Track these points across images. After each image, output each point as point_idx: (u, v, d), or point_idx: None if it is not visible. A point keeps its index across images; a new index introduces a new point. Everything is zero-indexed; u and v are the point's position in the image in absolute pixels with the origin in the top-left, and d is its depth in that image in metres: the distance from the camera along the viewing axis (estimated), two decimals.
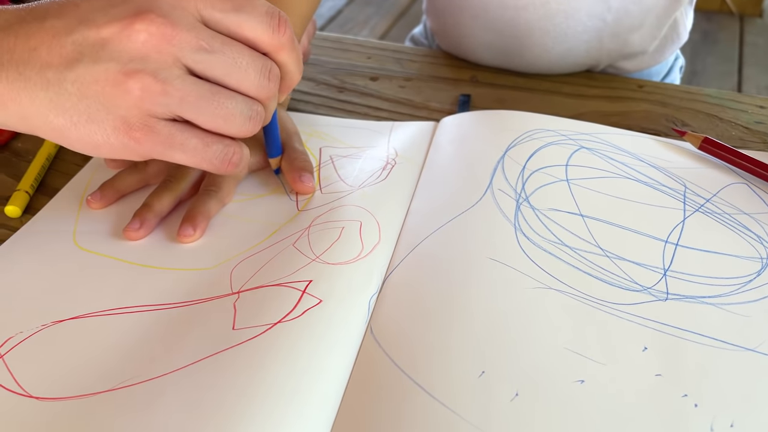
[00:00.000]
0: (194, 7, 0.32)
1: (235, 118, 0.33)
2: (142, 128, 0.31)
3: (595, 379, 0.30)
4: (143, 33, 0.30)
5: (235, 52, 0.32)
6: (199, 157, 0.33)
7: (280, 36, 0.34)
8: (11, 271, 0.39)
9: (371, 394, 0.30)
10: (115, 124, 0.31)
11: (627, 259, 0.37)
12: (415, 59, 0.63)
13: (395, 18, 2.22)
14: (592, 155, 0.45)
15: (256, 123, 0.34)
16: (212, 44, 0.32)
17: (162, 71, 0.31)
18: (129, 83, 0.30)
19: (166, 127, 0.32)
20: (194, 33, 0.31)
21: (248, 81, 0.33)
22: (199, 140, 0.33)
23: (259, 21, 0.33)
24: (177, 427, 0.28)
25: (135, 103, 0.31)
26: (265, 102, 0.35)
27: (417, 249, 0.38)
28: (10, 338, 0.34)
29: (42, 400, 0.31)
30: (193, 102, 0.32)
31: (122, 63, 0.30)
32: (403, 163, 0.46)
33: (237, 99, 0.33)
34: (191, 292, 0.36)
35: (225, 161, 0.34)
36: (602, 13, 0.53)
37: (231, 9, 0.32)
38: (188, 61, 0.31)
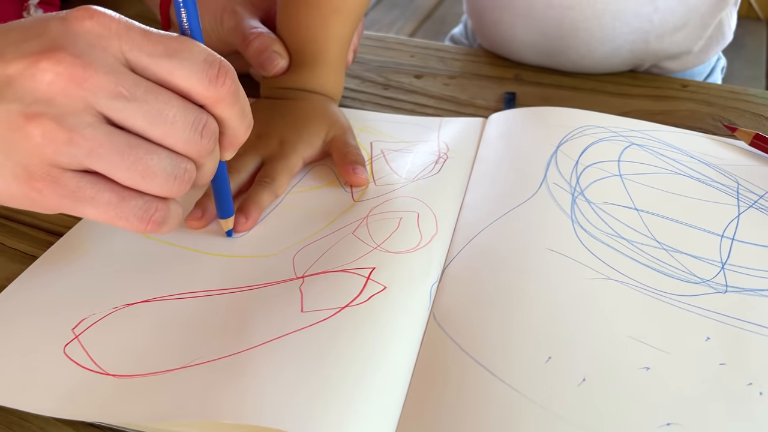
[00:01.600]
0: (117, 48, 0.28)
1: (155, 175, 0.29)
2: (44, 179, 0.28)
3: (661, 367, 0.31)
4: (49, 73, 0.27)
5: (162, 102, 0.29)
6: (113, 213, 0.29)
7: (218, 87, 0.30)
8: (80, 257, 0.40)
9: (438, 377, 0.31)
10: (15, 172, 0.28)
11: (684, 252, 0.38)
12: (457, 58, 0.64)
13: (420, 21, 2.23)
14: (643, 151, 0.45)
15: (183, 182, 0.30)
16: (133, 91, 0.28)
17: (69, 117, 0.27)
18: (29, 127, 0.27)
19: (73, 179, 0.28)
20: (112, 77, 0.28)
21: (175, 135, 0.29)
22: (114, 194, 0.29)
23: (193, 69, 0.29)
24: (250, 405, 0.29)
25: (35, 150, 0.27)
26: (197, 160, 0.31)
27: (474, 240, 0.39)
28: (84, 319, 0.36)
29: (119, 377, 0.32)
30: (104, 155, 0.28)
31: (25, 104, 0.27)
32: (455, 158, 0.47)
33: (160, 155, 0.29)
34: (256, 277, 0.37)
35: (145, 219, 0.30)
36: (649, 14, 0.54)
37: (162, 53, 0.29)
38: (103, 108, 0.28)
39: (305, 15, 0.48)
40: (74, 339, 0.34)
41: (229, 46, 0.51)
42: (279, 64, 0.48)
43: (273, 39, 0.49)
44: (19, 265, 0.40)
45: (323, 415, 0.28)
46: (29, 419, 0.32)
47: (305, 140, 0.46)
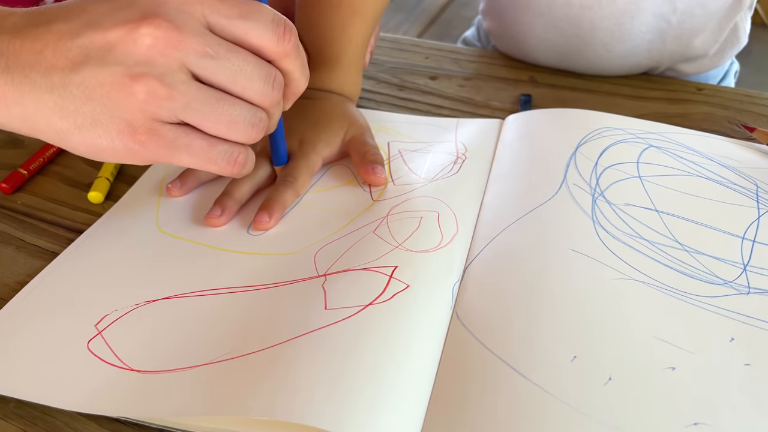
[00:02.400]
0: (200, 13, 0.31)
1: (238, 124, 0.33)
2: (147, 132, 0.31)
3: (686, 367, 0.31)
4: (149, 37, 0.30)
5: (240, 59, 0.32)
6: (204, 157, 0.33)
7: (285, 44, 0.33)
8: (101, 254, 0.40)
9: (463, 374, 0.31)
10: (119, 128, 0.31)
11: (705, 253, 0.38)
12: (472, 59, 0.64)
13: (426, 24, 2.23)
14: (661, 153, 0.45)
15: (259, 130, 0.34)
16: (217, 50, 0.31)
17: (167, 75, 0.30)
18: (134, 87, 0.30)
19: (171, 131, 0.32)
20: (200, 38, 0.31)
21: (252, 88, 0.33)
22: (204, 141, 0.33)
23: (264, 28, 0.32)
24: (277, 400, 0.29)
25: (140, 106, 0.31)
26: (269, 109, 0.35)
27: (495, 240, 0.39)
28: (106, 315, 0.36)
29: (143, 373, 0.32)
30: (197, 107, 0.32)
31: (128, 66, 0.30)
32: (473, 158, 0.47)
33: (241, 106, 0.33)
34: (278, 275, 0.37)
35: (231, 161, 0.34)
36: (668, 14, 0.54)
37: (237, 16, 0.32)
38: (193, 67, 0.31)
39: (325, 16, 0.48)
40: (97, 335, 0.34)
41: None
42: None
43: None
44: (40, 261, 0.40)
45: (351, 409, 0.28)
46: (53, 414, 0.32)
47: (324, 140, 0.46)
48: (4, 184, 0.46)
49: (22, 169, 0.47)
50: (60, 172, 0.48)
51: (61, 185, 0.47)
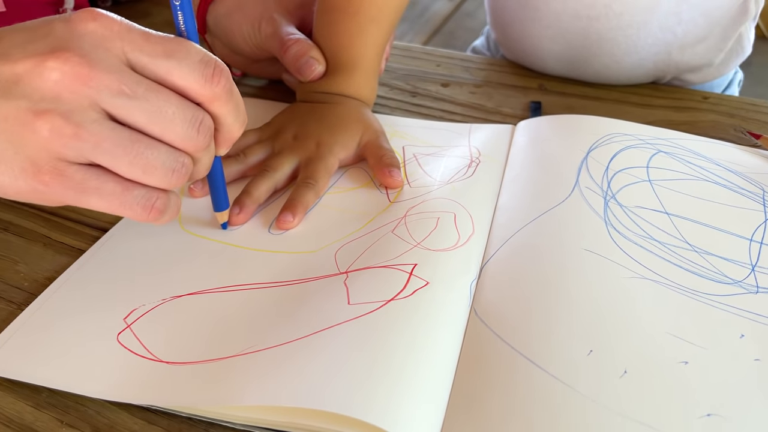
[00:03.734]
0: (120, 49, 0.30)
1: (155, 168, 0.31)
2: (51, 171, 0.29)
3: (698, 361, 0.32)
4: (56, 71, 0.28)
5: (161, 100, 0.30)
6: (117, 202, 0.31)
7: (213, 86, 0.31)
8: (127, 251, 0.41)
9: (483, 367, 0.32)
10: (22, 166, 0.29)
11: (715, 254, 0.39)
12: (482, 67, 0.66)
13: (430, 35, 2.25)
14: (670, 159, 0.47)
15: (180, 176, 0.32)
16: (135, 89, 0.30)
17: (75, 113, 0.29)
18: (37, 123, 0.28)
19: (79, 172, 0.30)
20: (115, 76, 0.29)
21: (174, 131, 0.31)
22: (118, 185, 0.31)
23: (190, 69, 0.31)
24: (303, 390, 0.30)
25: (43, 144, 0.29)
26: (194, 154, 0.33)
27: (511, 240, 0.40)
28: (134, 310, 0.37)
29: (172, 364, 0.33)
30: (108, 149, 0.30)
31: (33, 101, 0.29)
32: (487, 162, 0.48)
33: (160, 149, 0.31)
34: (300, 272, 0.39)
35: (147, 207, 0.32)
36: (673, 26, 0.55)
37: (160, 54, 0.30)
38: (107, 105, 0.29)
39: (343, 23, 0.50)
40: (126, 328, 0.36)
41: (266, 51, 0.53)
42: (316, 70, 0.50)
43: (310, 45, 0.50)
44: (67, 257, 0.42)
45: (375, 399, 0.29)
46: (85, 403, 0.33)
47: (341, 142, 0.48)
48: None
49: None
50: None
51: None
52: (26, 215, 0.45)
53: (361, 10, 0.50)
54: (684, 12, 0.54)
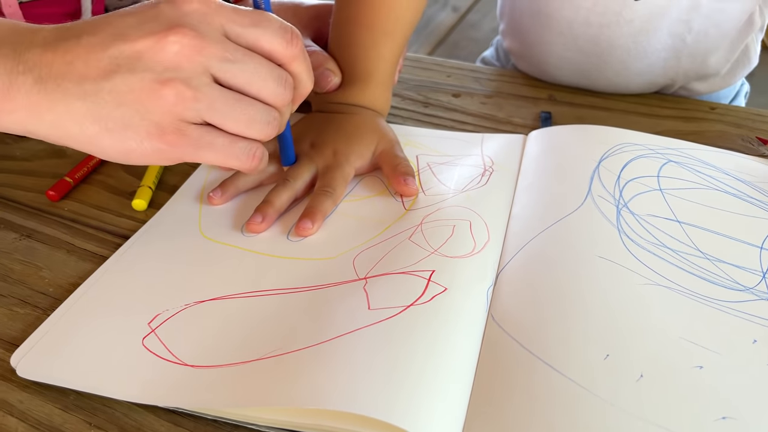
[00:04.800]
0: (218, 22, 0.35)
1: (255, 122, 0.36)
2: (174, 132, 0.34)
3: (713, 366, 0.33)
4: (176, 45, 0.33)
5: (256, 63, 0.35)
6: (226, 153, 0.36)
7: (293, 48, 0.37)
8: (149, 257, 0.42)
9: (502, 371, 0.33)
10: (148, 130, 0.34)
11: (726, 261, 0.40)
12: (492, 78, 0.67)
13: (434, 45, 2.27)
14: (680, 168, 0.47)
15: (273, 128, 0.37)
16: (236, 55, 0.35)
17: (193, 79, 0.33)
18: (164, 90, 0.33)
19: (196, 131, 0.35)
20: (221, 45, 0.34)
21: (267, 89, 0.36)
22: (226, 139, 0.36)
23: (274, 34, 0.36)
24: (325, 392, 0.31)
25: (169, 108, 0.33)
26: (281, 109, 0.38)
27: (526, 248, 0.41)
28: (158, 314, 0.38)
29: (196, 368, 0.34)
30: (220, 108, 0.35)
31: (157, 72, 0.33)
32: (500, 171, 0.49)
33: (257, 106, 0.36)
34: (320, 278, 0.39)
35: (250, 156, 0.37)
36: (683, 33, 0.56)
37: (249, 24, 0.35)
38: (215, 71, 0.34)
39: (358, 36, 0.51)
40: (151, 332, 0.36)
41: None
42: (333, 81, 0.51)
43: (326, 57, 0.51)
44: (90, 264, 0.42)
45: (397, 401, 0.30)
46: (113, 405, 0.34)
47: (357, 151, 0.49)
48: (51, 192, 0.48)
49: (68, 177, 0.49)
50: (103, 181, 0.51)
51: (104, 193, 0.49)
52: (49, 223, 0.46)
53: (377, 24, 0.51)
54: (694, 21, 0.55)
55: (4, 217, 0.46)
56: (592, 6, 0.56)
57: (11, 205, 0.48)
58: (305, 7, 0.55)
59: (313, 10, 0.55)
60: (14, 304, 0.40)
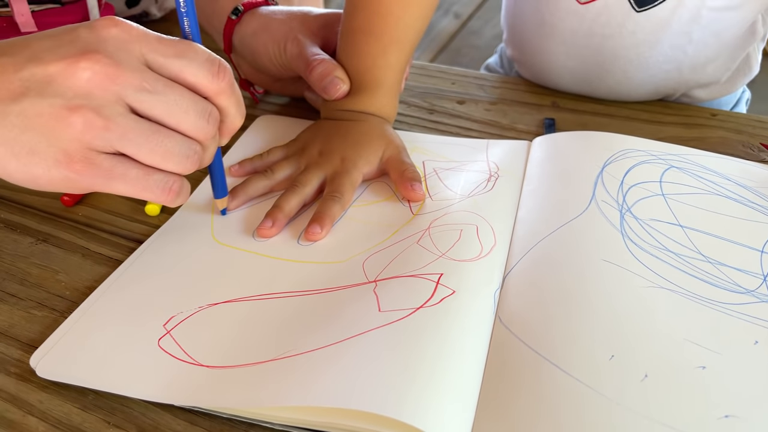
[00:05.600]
0: (139, 51, 0.34)
1: (172, 155, 0.35)
2: (83, 161, 0.33)
3: (715, 366, 0.34)
4: (88, 71, 0.32)
5: (176, 95, 0.34)
6: (140, 186, 0.35)
7: (219, 81, 0.36)
8: (163, 261, 0.43)
9: (510, 372, 0.34)
10: (56, 157, 0.33)
11: (728, 264, 0.40)
12: (496, 85, 0.68)
13: (436, 52, 2.29)
14: (682, 173, 0.48)
15: (193, 162, 0.36)
16: (155, 86, 0.34)
17: (105, 108, 0.32)
18: (72, 117, 0.32)
19: (107, 160, 0.34)
20: (138, 74, 0.33)
21: (188, 122, 0.35)
22: (140, 170, 0.35)
23: (199, 67, 0.35)
24: (339, 394, 0.32)
25: (76, 136, 0.32)
26: (204, 143, 0.37)
27: (532, 251, 0.42)
28: (173, 316, 0.38)
29: (212, 368, 0.35)
30: (133, 138, 0.33)
31: (66, 98, 0.32)
32: (505, 176, 0.50)
33: (176, 138, 0.35)
34: (330, 281, 0.40)
35: (166, 189, 0.36)
36: (684, 44, 0.57)
37: (173, 54, 0.35)
38: (131, 100, 0.33)
39: (366, 44, 0.52)
40: (166, 334, 0.37)
41: (291, 71, 0.55)
42: (341, 89, 0.52)
43: (335, 65, 0.52)
44: (105, 267, 0.43)
45: (408, 400, 0.31)
46: (130, 405, 0.35)
47: (364, 157, 0.50)
48: (65, 197, 0.49)
49: None
50: None
51: (117, 198, 0.50)
52: (64, 227, 0.47)
53: (385, 33, 0.52)
54: (695, 32, 0.57)
55: (20, 221, 0.47)
56: (596, 17, 0.57)
57: (26, 210, 0.49)
58: (314, 15, 0.56)
59: (322, 19, 0.56)
60: (32, 306, 0.41)
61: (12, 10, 0.59)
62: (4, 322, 0.40)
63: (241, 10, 0.57)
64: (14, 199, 0.50)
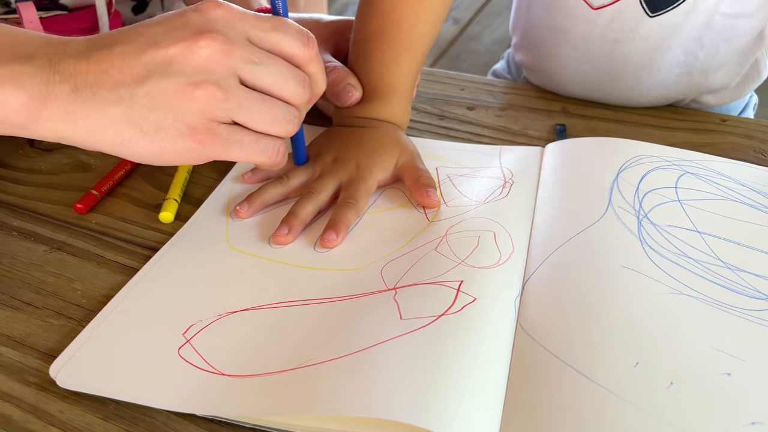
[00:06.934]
0: (242, 28, 0.37)
1: (279, 120, 0.38)
2: (206, 131, 0.36)
3: (740, 373, 0.34)
4: (206, 49, 0.35)
5: (278, 65, 0.38)
6: (253, 150, 0.38)
7: (309, 51, 0.39)
8: (179, 269, 0.43)
9: (533, 379, 0.34)
10: (181, 130, 0.36)
11: (747, 270, 0.40)
12: (506, 91, 0.68)
13: (436, 57, 2.29)
14: (697, 179, 0.48)
15: (294, 125, 0.39)
16: (260, 58, 0.37)
17: (222, 81, 0.36)
18: (196, 92, 0.35)
19: (225, 129, 0.37)
20: (246, 48, 0.36)
21: (288, 89, 0.38)
22: (252, 136, 0.38)
23: (293, 38, 0.38)
24: (366, 403, 0.32)
25: (201, 109, 0.35)
26: (300, 108, 0.40)
27: (550, 258, 0.42)
28: (192, 325, 0.38)
29: (233, 377, 0.35)
30: (248, 107, 0.37)
31: (188, 76, 0.35)
32: (520, 182, 0.50)
33: (280, 104, 0.38)
34: (349, 288, 0.40)
35: (275, 151, 0.39)
36: (695, 49, 0.58)
37: (270, 28, 0.38)
38: (242, 73, 0.36)
39: (379, 52, 0.52)
40: (186, 342, 0.37)
41: None
42: (354, 96, 0.52)
43: (347, 72, 0.52)
44: (121, 275, 0.43)
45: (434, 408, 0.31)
46: (152, 415, 0.34)
47: (379, 164, 0.50)
48: (79, 205, 0.49)
49: (95, 190, 0.50)
50: (128, 194, 0.51)
51: (130, 206, 0.50)
52: (78, 235, 0.47)
53: (397, 40, 0.52)
54: (707, 37, 0.57)
55: (33, 230, 0.47)
56: (609, 22, 0.57)
57: (40, 218, 0.48)
58: (325, 22, 0.56)
59: (333, 26, 0.56)
60: (49, 315, 0.40)
61: (21, 17, 0.58)
62: (21, 331, 0.39)
63: None
64: (27, 207, 0.49)
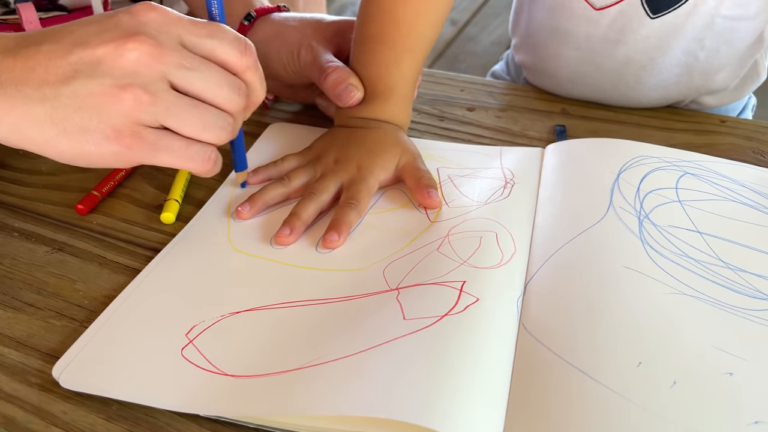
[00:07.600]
0: (176, 32, 0.37)
1: (210, 127, 0.38)
2: (131, 135, 0.36)
3: (742, 372, 0.34)
4: (135, 52, 0.35)
5: (212, 71, 0.38)
6: (182, 156, 0.37)
7: (246, 58, 0.39)
8: (181, 269, 0.43)
9: (537, 379, 0.34)
10: (106, 133, 0.35)
11: (748, 271, 0.41)
12: (505, 92, 0.68)
13: (433, 59, 2.30)
14: (697, 180, 0.49)
15: (227, 132, 0.39)
16: (192, 63, 0.37)
17: (150, 85, 0.35)
18: (122, 94, 0.35)
19: (153, 134, 0.36)
20: (177, 53, 0.36)
21: (222, 95, 0.38)
22: (182, 142, 0.37)
23: (229, 45, 0.38)
24: (371, 402, 0.32)
25: (126, 112, 0.35)
26: (235, 115, 0.40)
27: (552, 258, 0.42)
28: (195, 326, 0.38)
29: (236, 377, 0.35)
30: (177, 112, 0.36)
31: (115, 78, 0.35)
32: (521, 183, 0.50)
33: (212, 111, 0.38)
34: (352, 288, 0.40)
35: (205, 158, 0.38)
36: (696, 50, 0.58)
37: (205, 35, 0.38)
38: (172, 78, 0.36)
39: (380, 53, 0.52)
40: (189, 343, 0.37)
41: (304, 78, 0.55)
42: (355, 96, 0.52)
43: (349, 72, 0.52)
44: (123, 276, 0.43)
45: (438, 408, 0.31)
46: (155, 415, 0.34)
47: (380, 165, 0.50)
48: (80, 206, 0.49)
49: (96, 191, 0.50)
50: (128, 195, 0.51)
51: (131, 207, 0.50)
52: (79, 236, 0.47)
53: (398, 41, 0.52)
54: (707, 39, 0.57)
55: (34, 230, 0.47)
56: (610, 23, 0.58)
57: (41, 219, 0.48)
58: (326, 22, 0.56)
59: (335, 26, 0.56)
60: (51, 316, 0.40)
61: (20, 17, 0.58)
62: (23, 332, 0.39)
63: (254, 16, 0.57)
64: (28, 208, 0.49)
